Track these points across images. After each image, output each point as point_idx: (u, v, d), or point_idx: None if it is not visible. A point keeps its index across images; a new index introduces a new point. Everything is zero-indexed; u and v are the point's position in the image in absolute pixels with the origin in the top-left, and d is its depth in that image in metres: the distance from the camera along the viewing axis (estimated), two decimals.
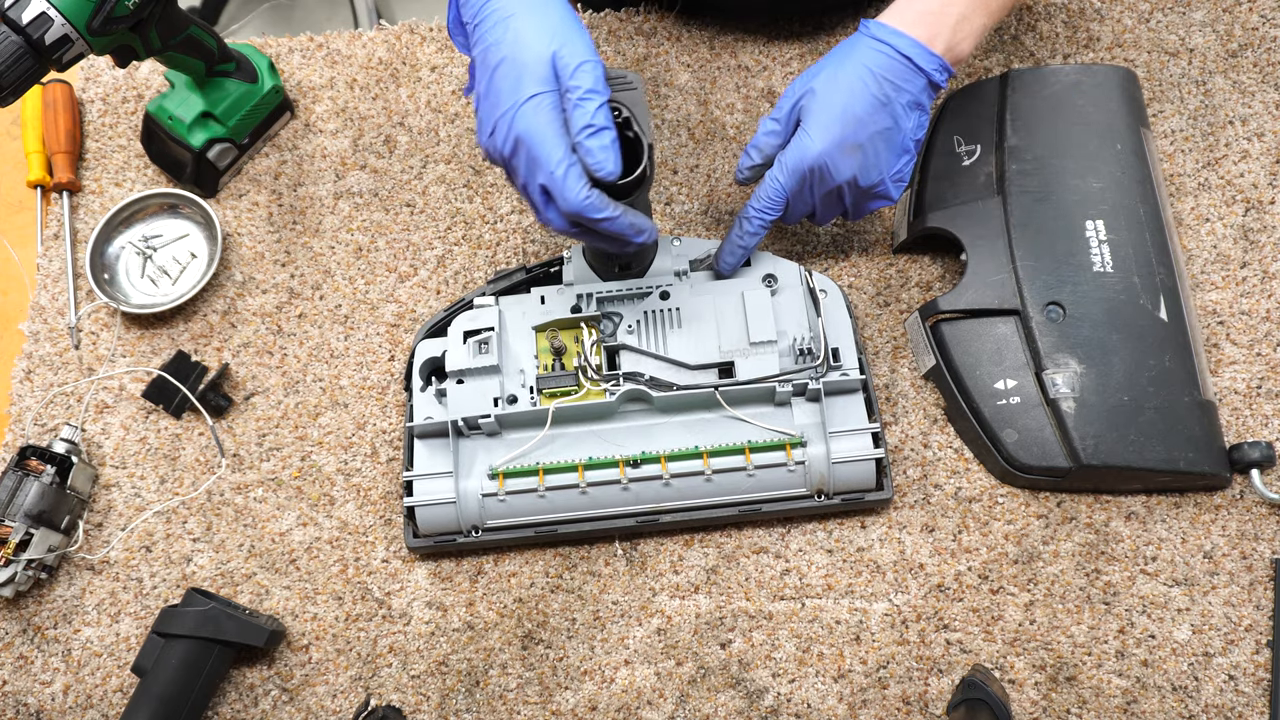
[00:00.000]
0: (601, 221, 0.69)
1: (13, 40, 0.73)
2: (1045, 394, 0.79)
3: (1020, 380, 0.80)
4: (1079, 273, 0.81)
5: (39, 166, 0.97)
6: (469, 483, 0.80)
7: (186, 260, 0.94)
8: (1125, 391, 0.79)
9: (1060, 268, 0.81)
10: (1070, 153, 0.85)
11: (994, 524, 0.83)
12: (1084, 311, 0.80)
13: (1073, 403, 0.78)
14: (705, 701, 0.79)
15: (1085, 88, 0.87)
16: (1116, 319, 0.80)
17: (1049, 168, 0.84)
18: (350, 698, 0.81)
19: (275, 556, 0.85)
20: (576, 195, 0.67)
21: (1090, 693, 0.78)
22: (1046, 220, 0.83)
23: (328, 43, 1.02)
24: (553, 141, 0.67)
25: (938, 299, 0.83)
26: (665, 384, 0.79)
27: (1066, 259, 0.82)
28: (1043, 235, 0.82)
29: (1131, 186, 0.84)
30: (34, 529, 0.81)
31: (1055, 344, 0.80)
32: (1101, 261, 0.81)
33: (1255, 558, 0.81)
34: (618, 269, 0.84)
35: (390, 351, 0.91)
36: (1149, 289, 0.81)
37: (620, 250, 0.76)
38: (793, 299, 0.83)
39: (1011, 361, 0.81)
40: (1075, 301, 0.80)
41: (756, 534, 0.84)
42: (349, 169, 0.97)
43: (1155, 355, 0.80)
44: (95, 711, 0.82)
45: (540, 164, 0.67)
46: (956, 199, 0.85)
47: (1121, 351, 0.80)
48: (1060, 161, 0.84)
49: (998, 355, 0.81)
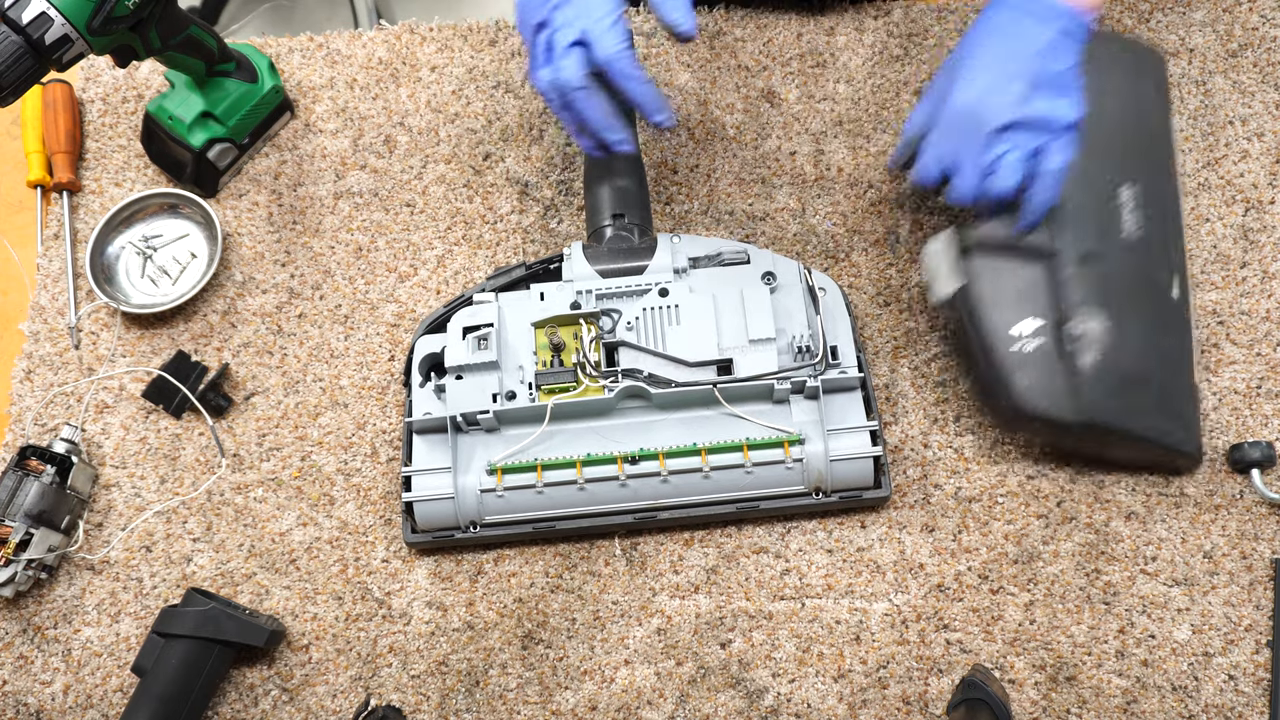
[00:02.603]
0: (629, 80, 0.72)
1: (13, 40, 0.73)
2: (1063, 344, 0.78)
3: (1040, 326, 0.78)
4: (1111, 233, 0.80)
5: (39, 166, 0.97)
6: (467, 478, 0.80)
7: (186, 260, 0.94)
8: (1138, 358, 0.79)
9: (1096, 224, 0.80)
10: (1109, 119, 0.84)
11: (994, 524, 0.83)
12: (1113, 270, 0.79)
13: (1090, 358, 0.77)
14: (705, 701, 0.79)
15: (1126, 62, 0.87)
16: (1139, 286, 0.80)
17: (1092, 124, 0.81)
18: (350, 698, 0.81)
19: (275, 556, 0.85)
20: (615, 46, 0.71)
21: (1090, 693, 0.78)
22: (1087, 173, 0.80)
23: (328, 43, 1.02)
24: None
25: (975, 226, 0.80)
26: (664, 381, 0.80)
27: (1101, 217, 0.81)
28: (1081, 188, 0.80)
29: (1162, 164, 0.85)
30: (34, 529, 0.81)
31: (1083, 297, 0.78)
32: (1130, 229, 0.81)
33: (1255, 558, 0.81)
34: (612, 217, 0.84)
35: (390, 351, 0.91)
36: (1165, 265, 0.82)
37: (603, 133, 0.76)
38: (792, 296, 0.83)
39: (1034, 306, 0.79)
40: (1106, 259, 0.79)
41: (756, 534, 0.84)
42: (349, 169, 0.97)
43: (1165, 330, 0.81)
44: (95, 711, 0.82)
45: (590, 10, 0.71)
46: None
47: (1140, 318, 0.80)
48: (1101, 123, 0.83)
49: (1023, 296, 0.79)
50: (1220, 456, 0.84)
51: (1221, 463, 0.83)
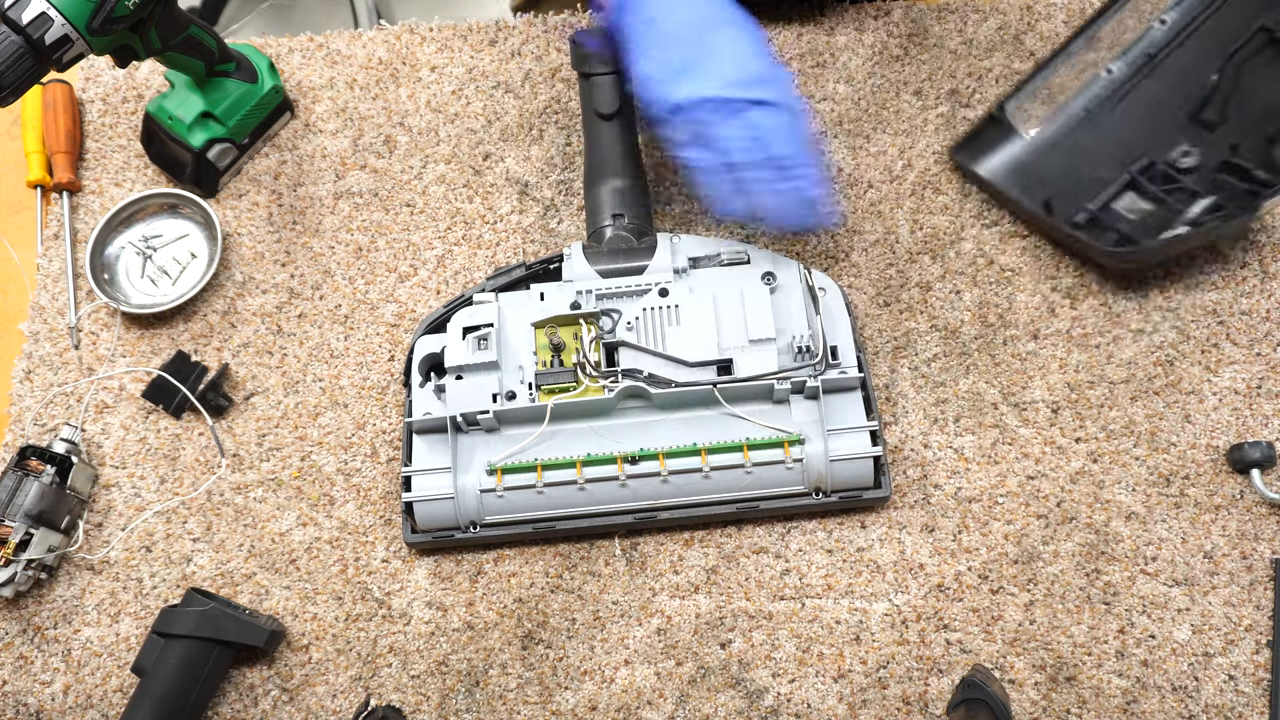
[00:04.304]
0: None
1: (13, 40, 0.73)
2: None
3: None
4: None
5: (39, 166, 0.97)
6: (467, 478, 0.80)
7: (186, 260, 0.94)
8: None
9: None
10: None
11: (994, 524, 0.83)
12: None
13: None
14: (705, 701, 0.79)
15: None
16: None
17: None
18: (350, 698, 0.81)
19: (275, 556, 0.85)
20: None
21: (1090, 693, 0.78)
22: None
23: (328, 43, 1.02)
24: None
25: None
26: (664, 381, 0.80)
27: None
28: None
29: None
30: (34, 529, 0.81)
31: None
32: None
33: (1255, 558, 0.81)
34: (612, 217, 0.84)
35: (390, 351, 0.91)
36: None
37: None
38: (792, 297, 0.83)
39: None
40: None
41: (756, 534, 0.84)
42: (349, 169, 0.97)
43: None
44: (95, 711, 0.82)
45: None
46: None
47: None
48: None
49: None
50: (1220, 456, 0.84)
51: (1221, 463, 0.83)
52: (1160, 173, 0.87)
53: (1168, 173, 0.87)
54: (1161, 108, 0.90)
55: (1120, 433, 0.85)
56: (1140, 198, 0.87)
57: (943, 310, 0.89)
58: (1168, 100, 0.90)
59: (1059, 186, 0.89)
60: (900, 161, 0.94)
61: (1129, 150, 0.89)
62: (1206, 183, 0.87)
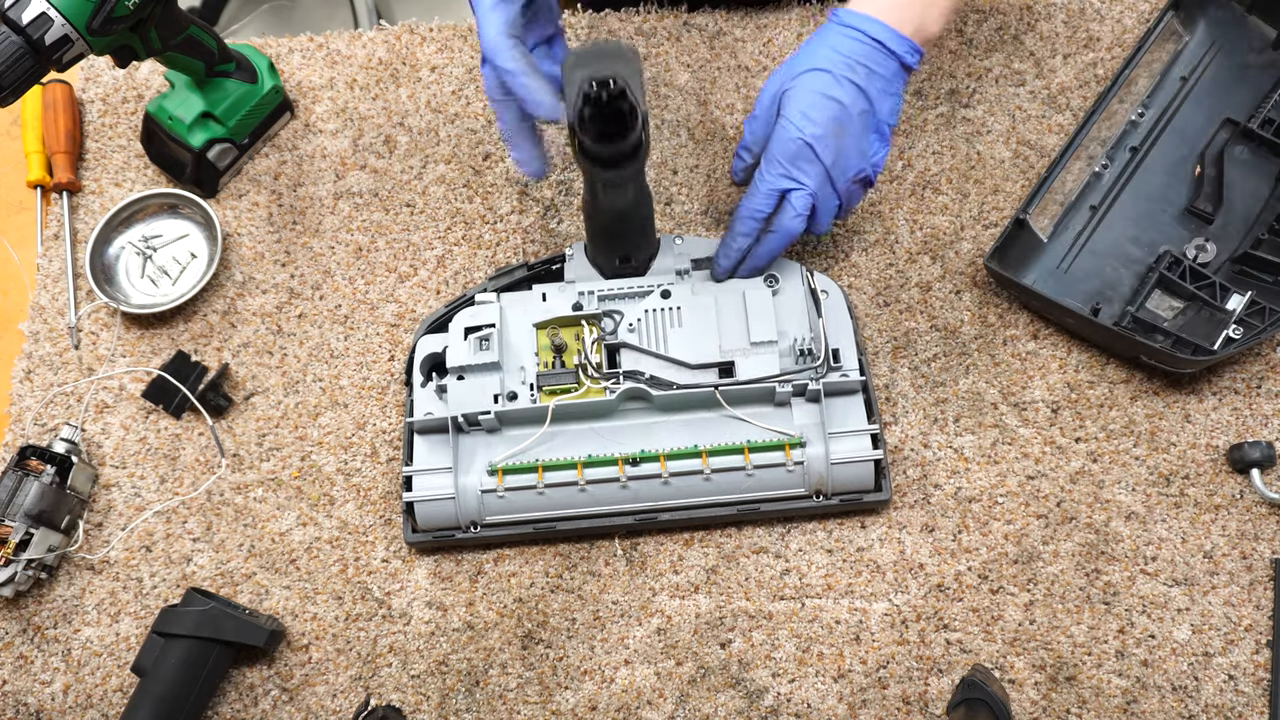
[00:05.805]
0: (504, 71, 0.70)
1: (13, 40, 0.73)
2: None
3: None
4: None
5: (39, 166, 0.97)
6: (468, 478, 0.80)
7: (186, 260, 0.94)
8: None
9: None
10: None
11: (994, 524, 0.83)
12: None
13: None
14: (705, 701, 0.79)
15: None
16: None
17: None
18: (350, 698, 0.81)
19: (275, 556, 0.85)
20: (491, 36, 0.69)
21: (1090, 693, 0.78)
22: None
23: (328, 43, 1.02)
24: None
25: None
26: (665, 383, 0.80)
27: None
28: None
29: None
30: (34, 529, 0.81)
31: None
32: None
33: (1255, 558, 0.81)
34: (618, 261, 0.84)
35: (390, 351, 0.91)
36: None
37: (508, 148, 0.77)
38: (794, 299, 0.83)
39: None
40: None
41: (756, 534, 0.84)
42: (349, 169, 0.97)
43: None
44: (95, 711, 0.82)
45: (483, 29, 0.70)
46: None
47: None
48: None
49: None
50: (1220, 456, 0.84)
51: (1221, 463, 0.84)
52: (1186, 269, 0.84)
53: (1192, 268, 0.84)
54: (1155, 201, 0.89)
55: (1120, 433, 0.85)
56: (1169, 295, 0.85)
57: (942, 310, 0.89)
58: (1159, 194, 0.89)
59: (1091, 286, 0.87)
60: (900, 161, 0.94)
61: (1141, 246, 0.87)
62: (1229, 274, 0.85)
